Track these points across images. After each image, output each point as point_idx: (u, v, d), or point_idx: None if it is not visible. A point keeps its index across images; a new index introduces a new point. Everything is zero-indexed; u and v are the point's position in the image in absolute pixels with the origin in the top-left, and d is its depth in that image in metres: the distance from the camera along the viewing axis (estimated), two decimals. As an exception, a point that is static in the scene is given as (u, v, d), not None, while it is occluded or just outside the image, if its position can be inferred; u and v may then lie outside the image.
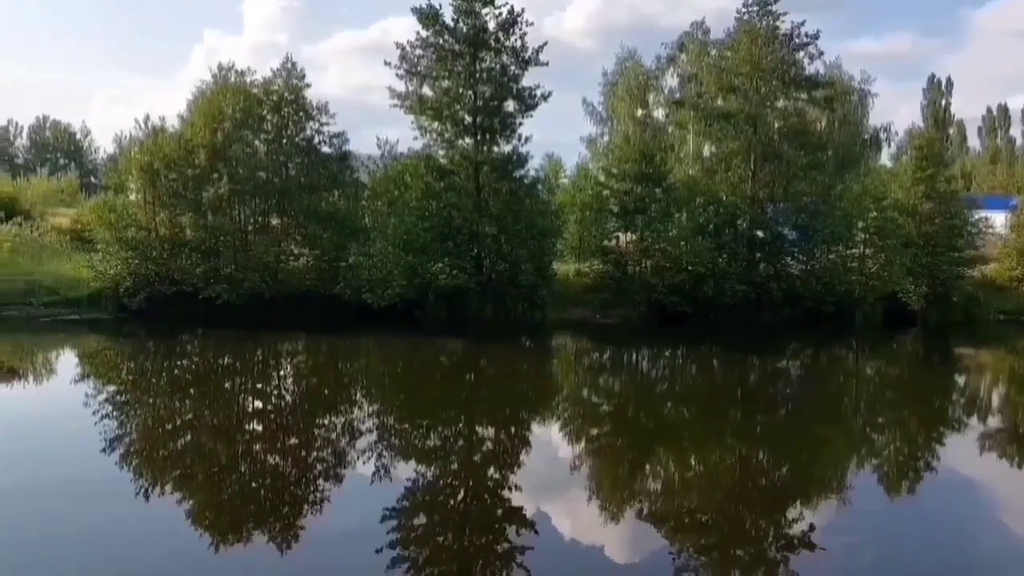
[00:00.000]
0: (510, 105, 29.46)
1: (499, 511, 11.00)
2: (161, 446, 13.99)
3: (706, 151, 37.10)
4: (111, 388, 18.84)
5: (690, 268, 30.44)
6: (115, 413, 15.84)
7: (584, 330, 30.11)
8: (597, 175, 35.68)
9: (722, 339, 28.79)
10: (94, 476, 11.60)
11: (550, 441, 15.36)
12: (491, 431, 15.90)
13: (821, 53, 34.60)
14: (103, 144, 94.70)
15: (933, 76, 75.10)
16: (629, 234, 32.48)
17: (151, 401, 17.81)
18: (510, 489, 11.79)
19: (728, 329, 29.65)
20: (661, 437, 15.67)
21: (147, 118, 28.84)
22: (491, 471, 13.19)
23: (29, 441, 13.55)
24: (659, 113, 47.40)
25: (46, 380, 19.76)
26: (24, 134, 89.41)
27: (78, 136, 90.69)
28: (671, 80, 47.25)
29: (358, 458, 12.93)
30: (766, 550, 9.88)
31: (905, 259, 32.77)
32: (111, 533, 9.47)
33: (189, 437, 14.68)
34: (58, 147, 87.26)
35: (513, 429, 16.03)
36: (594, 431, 16.41)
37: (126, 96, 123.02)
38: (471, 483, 12.29)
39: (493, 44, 28.85)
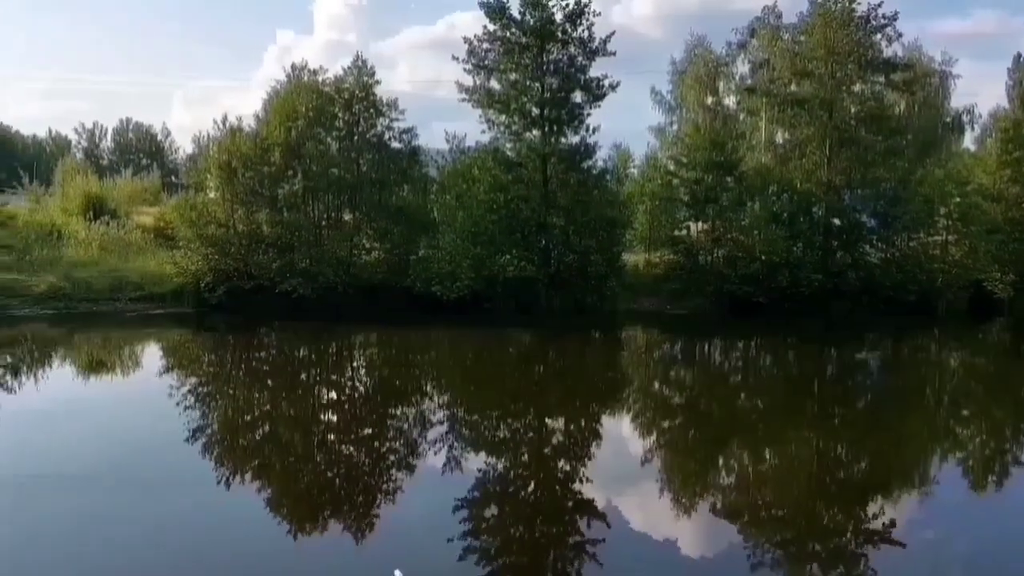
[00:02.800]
0: (577, 96, 29.35)
1: (570, 503, 11.00)
2: (241, 436, 14.44)
3: (779, 138, 36.32)
4: (193, 380, 19.49)
5: (763, 257, 29.87)
6: (197, 404, 16.40)
7: (655, 321, 29.84)
8: (666, 164, 35.29)
9: (797, 330, 28.17)
10: (178, 465, 12.04)
11: (620, 433, 15.31)
12: (561, 423, 15.90)
13: (899, 35, 33.53)
14: (183, 144, 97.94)
15: (1019, 55, 71.48)
16: (700, 223, 32.07)
17: (231, 392, 18.37)
18: (580, 481, 11.79)
19: (803, 319, 29.00)
20: (734, 430, 15.44)
21: (225, 118, 29.67)
22: (561, 463, 13.21)
23: (116, 431, 14.14)
24: (730, 100, 46.52)
25: (133, 372, 20.55)
26: (109, 136, 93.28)
27: (159, 137, 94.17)
28: (742, 66, 46.26)
29: (429, 449, 13.10)
30: (845, 545, 9.65)
31: (991, 246, 31.53)
32: (193, 520, 9.82)
33: (267, 428, 15.11)
34: (140, 148, 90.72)
35: (583, 421, 16.01)
36: (665, 423, 16.28)
37: (204, 97, 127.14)
38: (541, 475, 12.33)
39: (560, 35, 28.76)
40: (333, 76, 29.89)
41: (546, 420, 16.18)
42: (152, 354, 23.32)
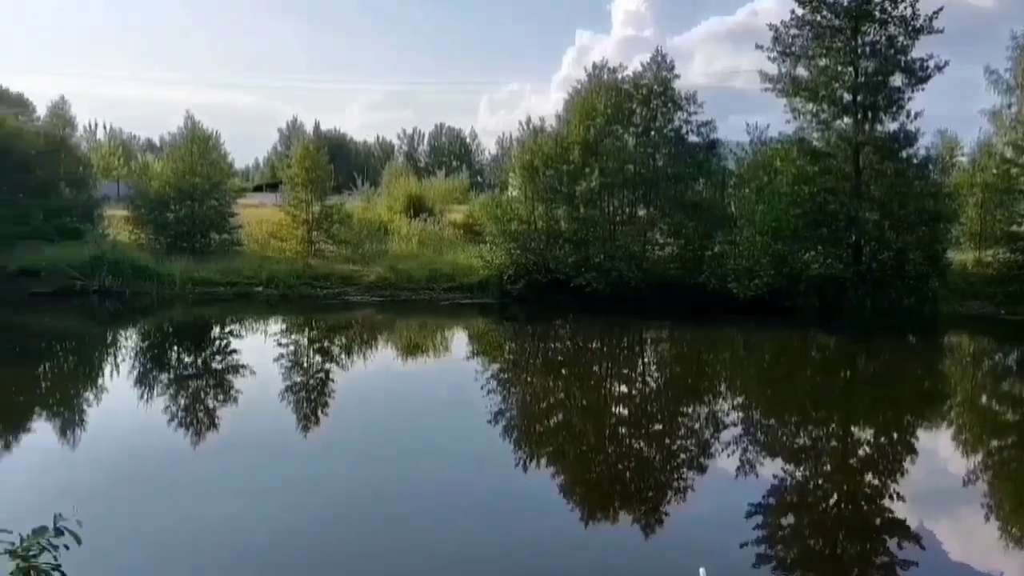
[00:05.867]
0: (897, 79, 26.79)
1: (877, 520, 10.12)
2: (537, 422, 15.10)
3: None
4: (496, 366, 20.76)
5: None
6: (498, 388, 17.43)
7: (985, 327, 26.46)
8: (1003, 151, 31.09)
9: None
10: (479, 445, 12.87)
11: (937, 450, 13.77)
12: (869, 434, 14.68)
13: None
14: (488, 146, 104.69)
15: None
16: (1045, 218, 27.89)
17: (529, 380, 19.29)
18: (890, 498, 10.77)
19: None
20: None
21: (528, 120, 31.19)
22: (868, 476, 12.18)
23: (426, 410, 15.45)
24: (1088, 75, 39.78)
25: (443, 355, 22.35)
26: (425, 141, 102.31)
27: (467, 140, 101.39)
28: (1104, 36, 39.32)
29: (722, 450, 12.73)
30: None
31: None
32: (491, 497, 10.43)
33: (561, 416, 15.64)
34: (452, 151, 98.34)
35: (895, 434, 14.64)
36: (994, 443, 14.39)
37: (507, 101, 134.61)
38: (845, 487, 11.46)
39: (878, 15, 26.45)
40: (631, 73, 30.17)
41: (852, 429, 15.03)
42: (460, 340, 25.18)
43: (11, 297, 27.26)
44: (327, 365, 20.27)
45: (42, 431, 13.68)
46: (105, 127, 62.39)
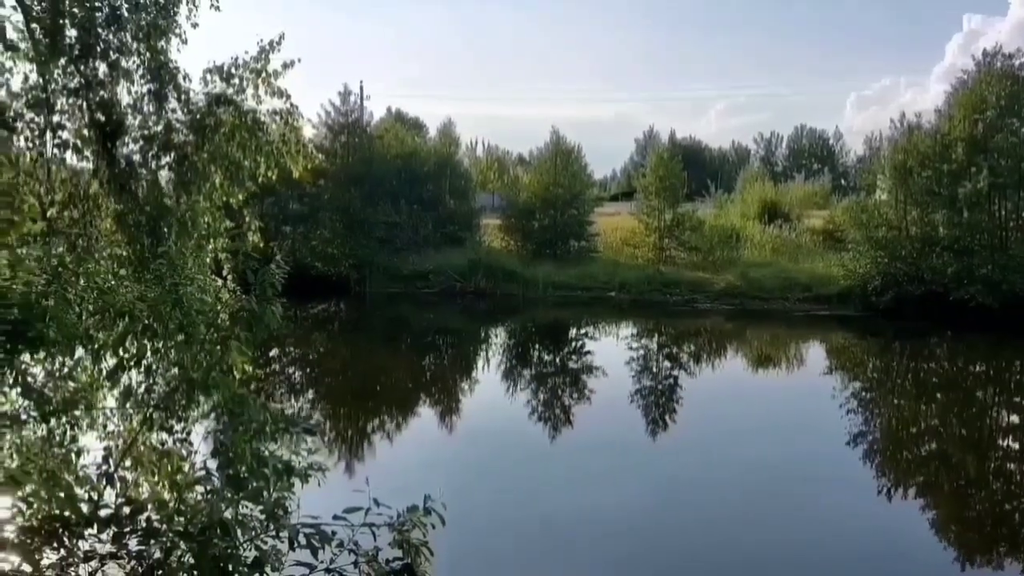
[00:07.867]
0: None
1: None
2: (904, 448, 13.85)
3: None
4: (856, 384, 19.33)
5: None
6: (859, 409, 16.23)
7: None
8: None
9: None
10: (835, 466, 12.12)
11: None
12: None
13: None
14: (853, 147, 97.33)
15: None
16: None
17: (895, 401, 17.72)
18: None
19: None
20: None
21: (902, 116, 28.52)
22: None
23: (777, 424, 14.89)
24: None
25: (797, 369, 21.35)
26: (783, 144, 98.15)
27: (830, 141, 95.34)
28: None
29: None
30: None
31: None
32: (848, 523, 9.77)
33: (934, 444, 14.16)
34: (812, 153, 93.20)
35: None
36: None
37: (877, 98, 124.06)
38: None
39: None
40: (1033, 58, 26.21)
41: None
42: (816, 354, 23.85)
43: (406, 296, 31.38)
44: (675, 372, 20.44)
45: (422, 415, 15.69)
46: (484, 144, 68.90)
